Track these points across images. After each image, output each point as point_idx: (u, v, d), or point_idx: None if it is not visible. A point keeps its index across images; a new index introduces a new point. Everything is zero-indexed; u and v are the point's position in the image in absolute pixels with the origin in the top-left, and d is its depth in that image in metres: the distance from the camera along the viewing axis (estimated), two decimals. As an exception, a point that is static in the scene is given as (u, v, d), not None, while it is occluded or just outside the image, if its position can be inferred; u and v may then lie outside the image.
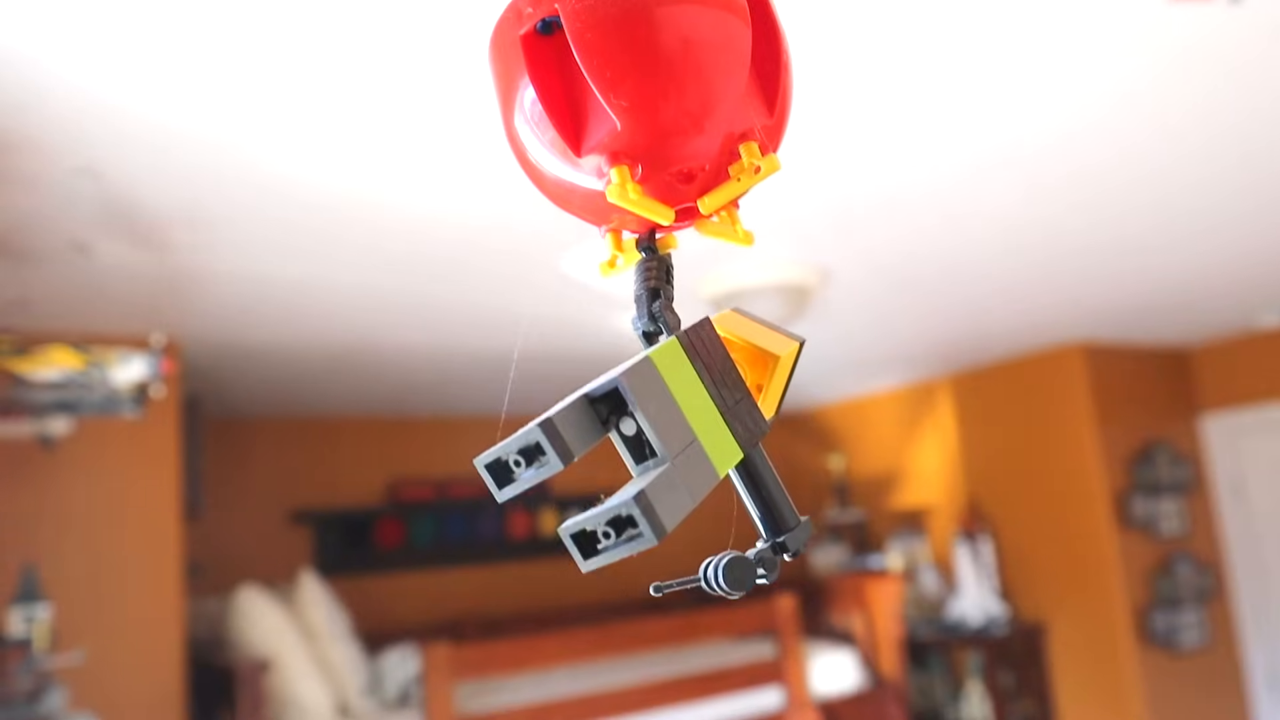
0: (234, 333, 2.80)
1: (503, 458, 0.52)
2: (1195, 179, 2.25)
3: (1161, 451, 4.47)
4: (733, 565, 0.55)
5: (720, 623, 3.37)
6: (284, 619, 2.96)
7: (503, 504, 4.49)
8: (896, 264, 2.74)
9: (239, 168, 1.74)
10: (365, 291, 2.54)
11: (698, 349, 0.56)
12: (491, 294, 2.68)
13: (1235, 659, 4.62)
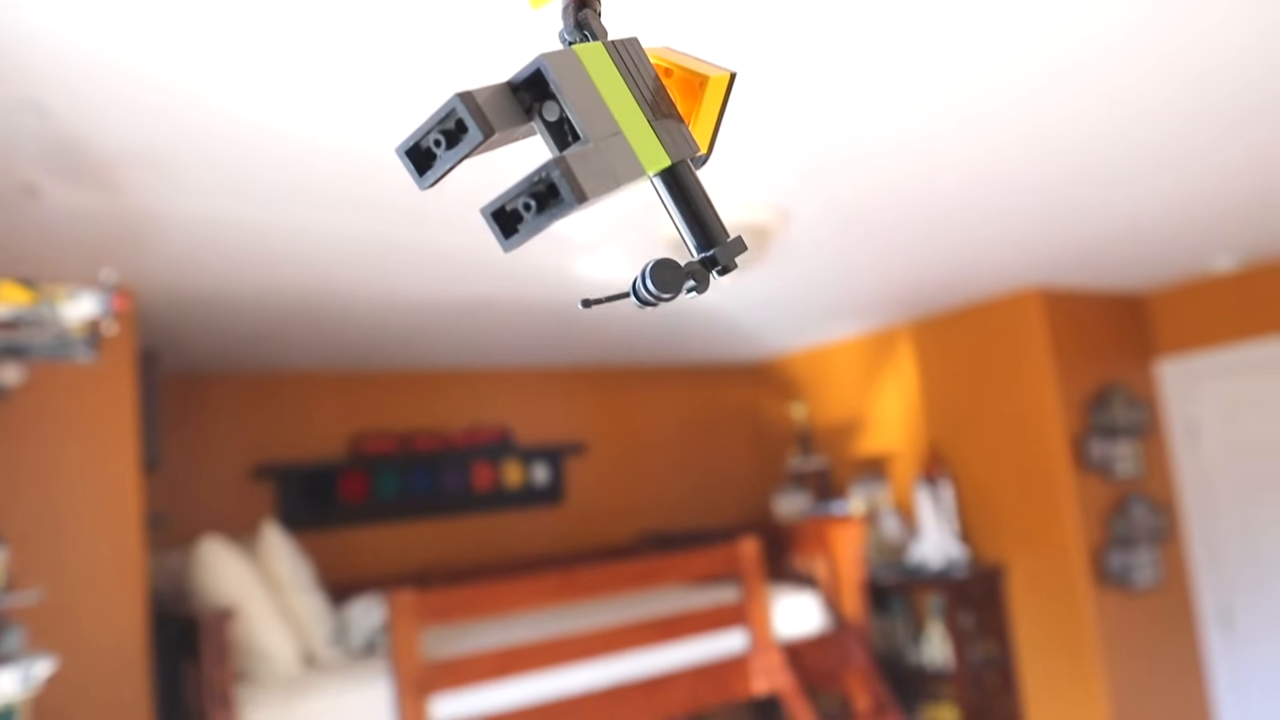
0: (191, 281, 2.76)
1: (422, 143, 0.52)
2: (1144, 107, 2.26)
3: (1117, 395, 4.54)
4: (660, 267, 0.55)
5: (684, 566, 3.40)
6: (247, 569, 2.95)
7: (466, 458, 4.49)
8: (858, 208, 2.75)
9: (193, 106, 1.70)
10: (325, 237, 2.51)
11: (624, 60, 0.56)
12: (455, 241, 2.66)
13: (1187, 597, 4.74)
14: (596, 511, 4.94)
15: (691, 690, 3.27)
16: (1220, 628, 4.71)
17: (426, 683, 2.78)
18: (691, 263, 0.58)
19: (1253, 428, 4.59)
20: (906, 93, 2.00)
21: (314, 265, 2.75)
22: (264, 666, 2.86)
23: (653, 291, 0.55)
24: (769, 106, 1.98)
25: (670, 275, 0.55)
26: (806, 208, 2.69)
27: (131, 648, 2.62)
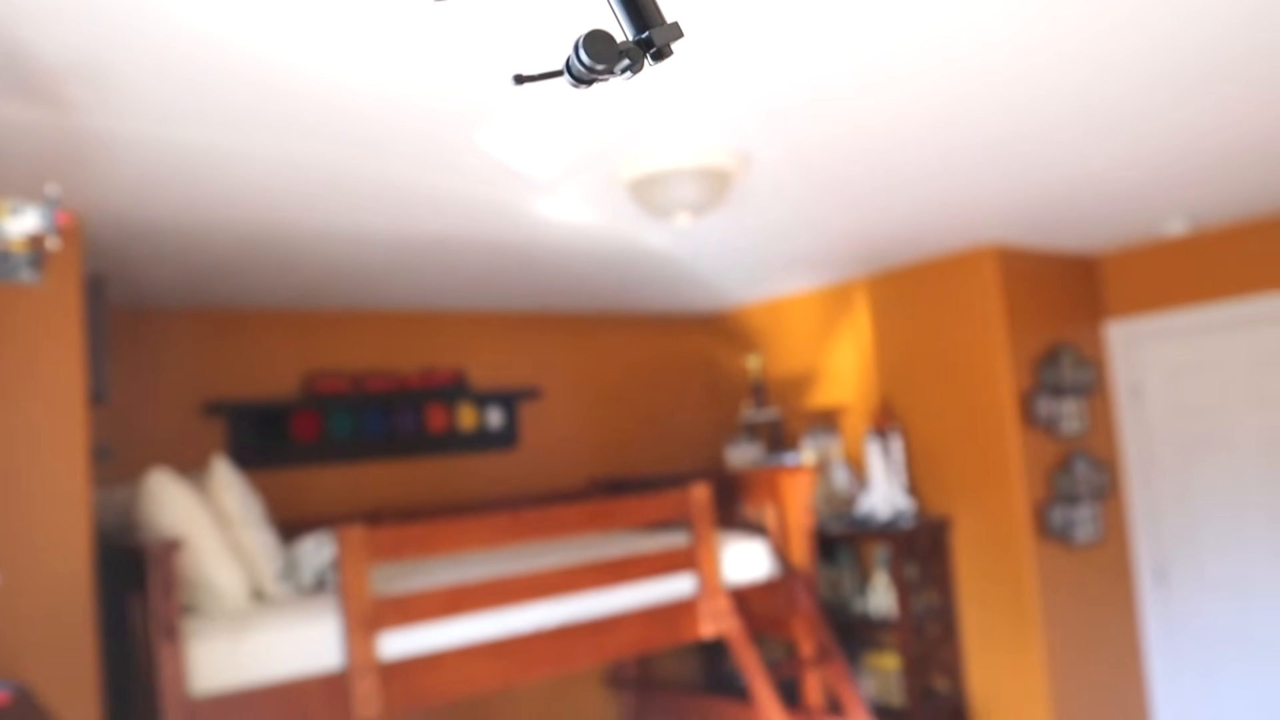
0: (140, 207, 2.70)
1: None
2: (1102, 64, 2.28)
3: (1066, 354, 4.61)
4: (593, 38, 0.54)
5: (636, 510, 3.42)
6: (196, 503, 2.93)
7: (420, 399, 4.47)
8: (818, 156, 2.75)
9: (144, 18, 1.65)
10: (280, 166, 2.47)
11: None
12: (409, 173, 2.62)
13: (1125, 553, 4.86)
14: (550, 456, 4.95)
15: (640, 632, 3.31)
16: (1155, 582, 4.85)
17: (376, 618, 2.79)
18: (626, 41, 0.57)
19: (1194, 390, 4.70)
20: (870, 37, 1.99)
21: (268, 196, 2.71)
22: (212, 601, 2.85)
23: (586, 63, 0.54)
24: (730, 47, 1.97)
25: (603, 47, 0.54)
26: (767, 153, 2.68)
27: (77, 579, 2.59)
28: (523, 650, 3.04)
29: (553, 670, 3.11)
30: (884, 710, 4.37)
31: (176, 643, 2.51)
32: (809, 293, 5.16)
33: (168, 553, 2.52)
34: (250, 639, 2.67)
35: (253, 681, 2.64)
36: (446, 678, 2.90)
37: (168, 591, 2.51)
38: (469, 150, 2.47)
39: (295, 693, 2.68)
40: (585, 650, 3.17)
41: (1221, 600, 4.64)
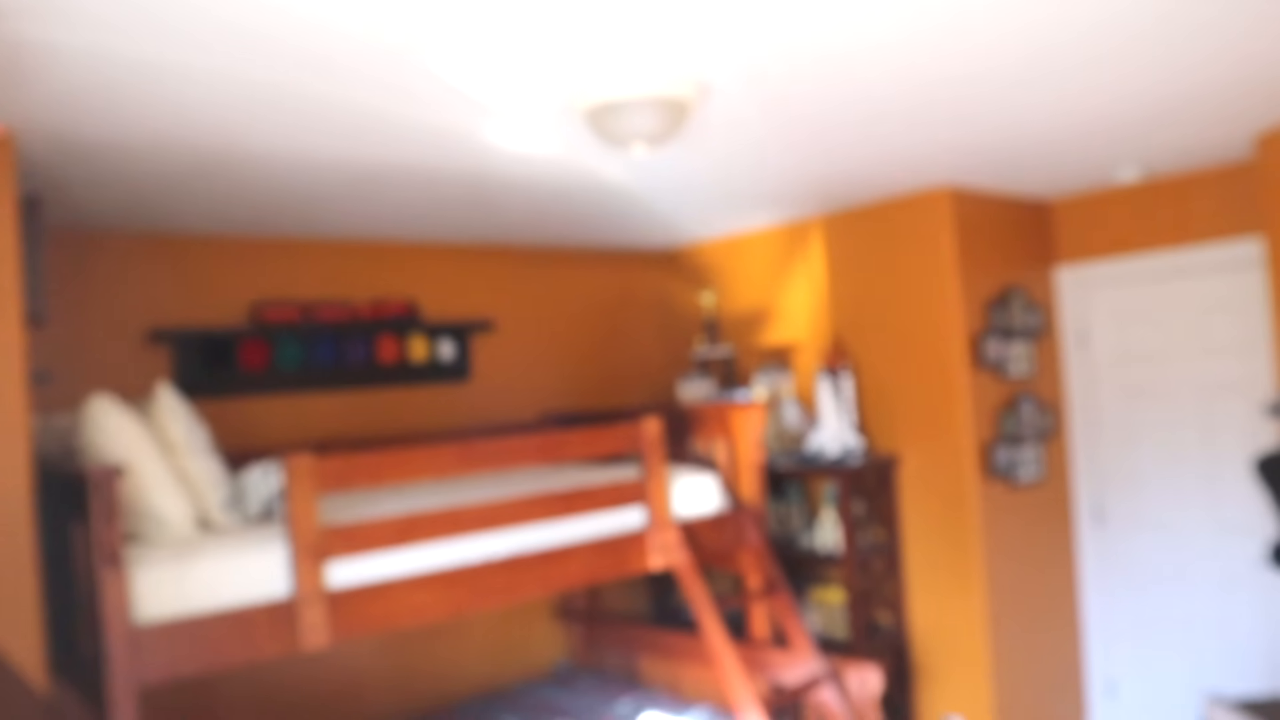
0: (76, 124, 2.61)
1: None
2: (1059, 7, 2.27)
3: (1017, 298, 4.66)
4: None
5: (587, 442, 3.42)
6: (139, 430, 2.87)
7: (371, 330, 4.42)
8: (777, 89, 2.72)
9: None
10: (224, 82, 2.39)
11: None
12: (359, 97, 2.56)
13: (1066, 493, 4.97)
14: (502, 390, 4.93)
15: (589, 563, 3.33)
16: (1092, 522, 4.97)
17: (323, 547, 2.78)
18: None
19: (1138, 336, 4.78)
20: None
21: (211, 116, 2.63)
22: (156, 529, 2.81)
23: None
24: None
25: None
26: (727, 84, 2.65)
27: (15, 506, 2.54)
28: (472, 580, 3.05)
29: (502, 600, 3.12)
30: (828, 643, 4.46)
31: (119, 570, 2.48)
32: (765, 230, 5.15)
33: (109, 479, 2.47)
34: (196, 567, 2.64)
35: (198, 610, 2.62)
36: (395, 607, 2.90)
37: (109, 518, 2.47)
38: (420, 74, 2.41)
39: (242, 620, 2.66)
40: (534, 581, 3.18)
41: (1153, 538, 4.78)
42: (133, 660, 2.47)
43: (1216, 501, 4.56)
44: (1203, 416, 4.59)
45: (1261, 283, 4.21)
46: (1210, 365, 4.55)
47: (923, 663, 4.61)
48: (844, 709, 3.52)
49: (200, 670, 2.61)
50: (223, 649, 2.63)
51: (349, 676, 4.31)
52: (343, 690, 4.28)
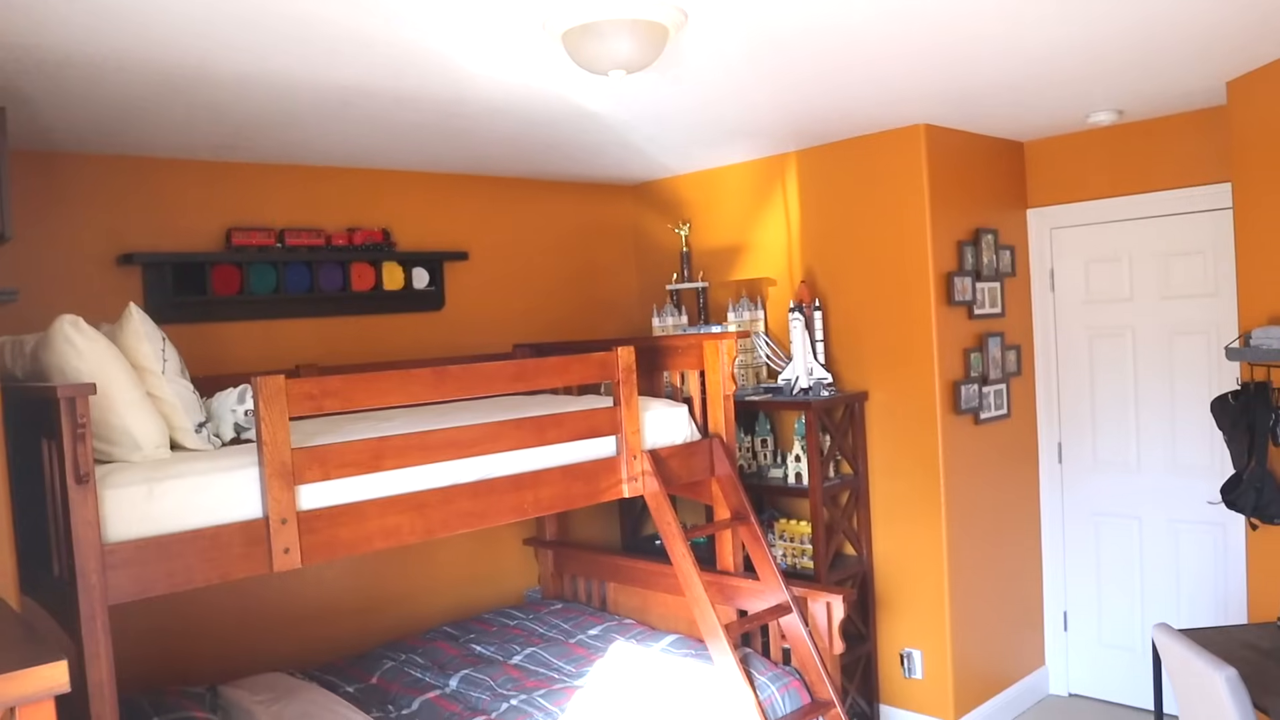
0: (36, 34, 2.55)
1: None
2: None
3: (988, 238, 4.70)
4: None
5: (560, 370, 3.44)
6: (109, 350, 2.86)
7: (345, 257, 4.39)
8: (756, 17, 2.70)
9: None
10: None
11: None
12: (330, 13, 2.52)
13: (1028, 430, 5.06)
14: (476, 320, 4.93)
15: (561, 489, 3.37)
16: (1054, 460, 5.07)
17: (295, 470, 2.79)
18: None
19: (1104, 279, 4.85)
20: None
21: (181, 31, 2.58)
22: (127, 451, 2.81)
23: None
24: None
25: None
26: (705, 10, 2.63)
27: (-16, 425, 2.54)
28: (444, 504, 3.08)
29: (474, 524, 3.16)
30: (794, 573, 4.55)
31: (89, 489, 2.49)
32: (740, 165, 5.14)
33: (78, 395, 2.47)
34: (167, 487, 2.65)
35: (169, 530, 2.63)
36: (367, 530, 2.93)
37: (78, 437, 2.46)
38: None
39: (214, 541, 2.68)
40: (506, 506, 3.22)
41: (1112, 477, 4.89)
42: (103, 579, 2.49)
43: (1174, 443, 4.67)
44: (1165, 359, 4.67)
45: (1228, 228, 4.26)
46: (1174, 309, 4.62)
47: (885, 593, 4.71)
48: (808, 635, 3.61)
49: (171, 590, 2.63)
50: (194, 569, 2.65)
51: (321, 601, 4.36)
52: (315, 614, 4.34)
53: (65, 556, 2.53)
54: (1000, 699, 4.82)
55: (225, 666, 4.01)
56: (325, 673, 4.03)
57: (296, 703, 3.59)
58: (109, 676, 2.51)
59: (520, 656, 4.09)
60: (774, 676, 3.62)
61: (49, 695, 1.31)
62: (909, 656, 4.64)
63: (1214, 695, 2.77)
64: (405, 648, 4.25)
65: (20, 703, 1.29)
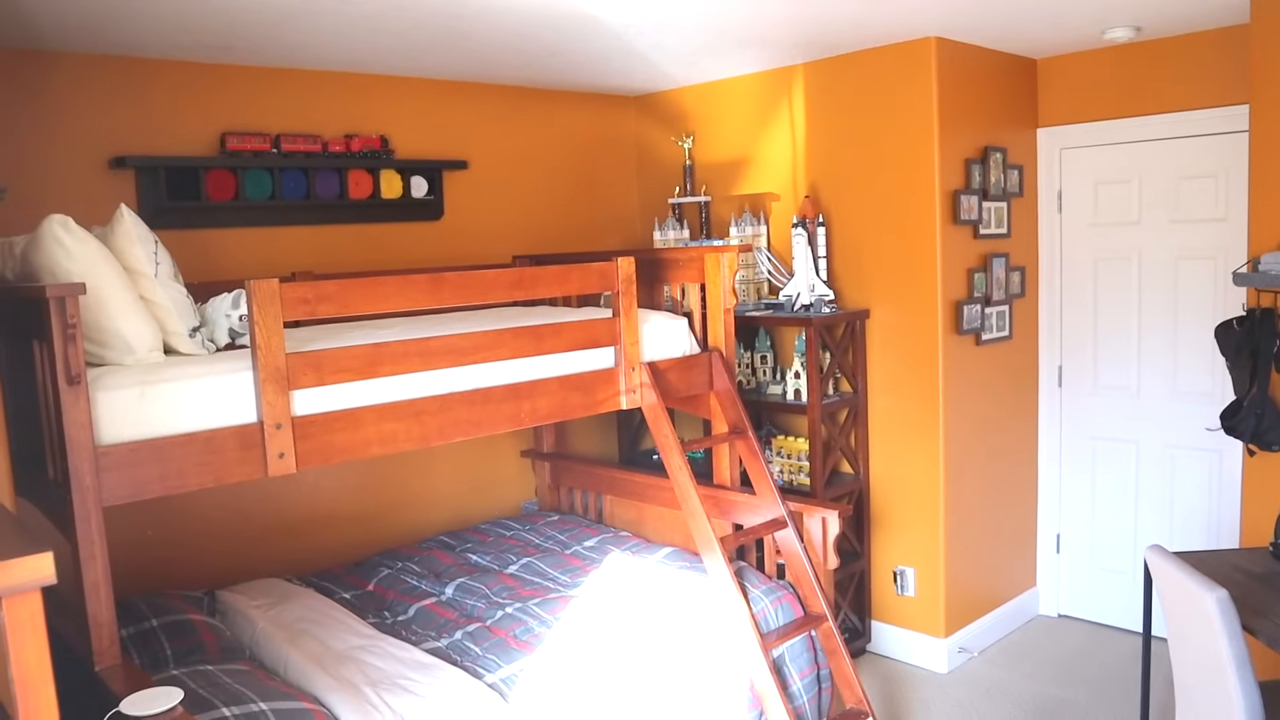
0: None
1: None
2: None
3: (996, 157, 4.61)
4: None
5: (559, 279, 3.40)
6: (100, 251, 2.81)
7: (342, 164, 4.31)
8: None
9: None
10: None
11: None
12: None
13: (1029, 353, 5.04)
14: (475, 231, 4.87)
15: (558, 399, 3.35)
16: (1054, 383, 5.05)
17: (290, 375, 2.77)
18: None
19: (1113, 202, 4.77)
20: None
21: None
22: (120, 354, 2.78)
23: None
24: None
25: None
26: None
27: (-25, 322, 2.51)
28: (441, 411, 3.06)
29: (470, 432, 3.14)
30: (791, 490, 4.56)
31: (80, 390, 2.46)
32: (746, 77, 5.02)
33: (68, 295, 2.43)
34: (160, 390, 2.62)
35: (163, 433, 2.62)
36: (363, 436, 2.91)
37: (69, 337, 2.43)
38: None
39: (208, 444, 2.67)
40: (503, 415, 3.20)
41: (1112, 401, 4.87)
42: (97, 480, 2.48)
43: (1175, 369, 4.64)
44: (1170, 284, 4.62)
45: (1243, 152, 4.17)
46: (1182, 234, 4.56)
47: (880, 511, 4.74)
48: (803, 550, 3.63)
49: (165, 493, 2.62)
50: (188, 472, 2.64)
51: (319, 510, 4.38)
52: (313, 523, 4.36)
53: (59, 459, 2.52)
54: (990, 618, 4.87)
55: (224, 573, 4.04)
56: (322, 579, 4.06)
57: (293, 607, 3.62)
58: (105, 577, 2.52)
59: (516, 566, 4.12)
60: (768, 590, 3.64)
61: (35, 586, 1.29)
62: (902, 574, 4.69)
63: (1204, 616, 2.78)
64: (402, 556, 4.28)
65: (6, 593, 1.27)
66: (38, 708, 1.32)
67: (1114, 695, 4.28)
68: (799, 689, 3.59)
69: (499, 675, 3.16)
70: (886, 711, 4.24)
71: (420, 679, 3.03)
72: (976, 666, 4.66)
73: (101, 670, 2.51)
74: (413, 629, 3.58)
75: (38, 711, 1.31)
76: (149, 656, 3.11)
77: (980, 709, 4.24)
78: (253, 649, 3.36)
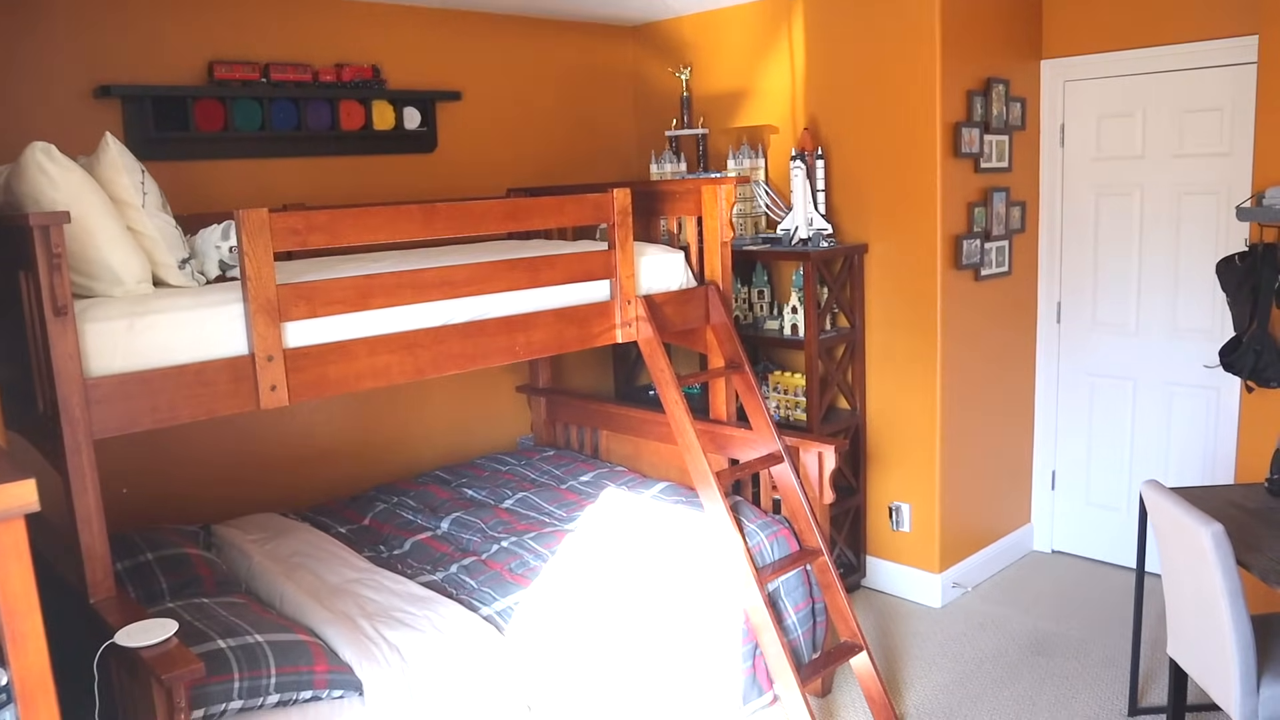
0: None
1: None
2: None
3: (999, 89, 4.54)
4: None
5: (554, 210, 3.35)
6: (86, 179, 2.76)
7: (333, 94, 4.23)
8: None
9: None
10: None
11: None
12: None
13: (1029, 289, 5.00)
14: (469, 163, 4.79)
15: (553, 332, 3.32)
16: (1052, 320, 5.03)
17: (281, 306, 2.73)
18: None
19: (1116, 135, 4.71)
20: None
21: None
22: (108, 286, 2.74)
23: None
24: None
25: None
26: None
27: (-41, 253, 2.46)
28: (435, 344, 3.03)
29: (464, 365, 3.12)
30: (787, 425, 4.55)
31: (68, 321, 2.42)
32: (746, 5, 4.92)
33: (51, 225, 2.38)
34: (149, 322, 2.59)
35: (153, 365, 2.59)
36: (356, 368, 2.89)
37: (55, 267, 2.39)
38: None
39: (199, 376, 2.64)
40: (497, 347, 3.18)
41: (1110, 338, 4.85)
42: (87, 413, 2.46)
43: (1175, 306, 4.61)
44: (1172, 220, 4.57)
45: (1249, 84, 4.09)
46: (1186, 168, 4.49)
47: (876, 447, 4.73)
48: (799, 484, 3.62)
49: (156, 425, 2.60)
50: (179, 405, 2.62)
51: (314, 445, 4.37)
52: (308, 458, 4.35)
53: (48, 391, 2.49)
54: (984, 554, 4.90)
55: (219, 508, 4.04)
56: (318, 514, 4.06)
57: (289, 542, 3.63)
58: (97, 510, 2.51)
59: (511, 501, 4.12)
60: (763, 524, 3.65)
61: (18, 513, 1.27)
62: (897, 510, 4.70)
63: (1198, 550, 2.79)
64: (397, 491, 4.28)
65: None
66: (24, 633, 1.30)
67: (1106, 629, 4.32)
68: (794, 622, 3.61)
69: (494, 608, 3.17)
70: (881, 645, 4.27)
71: (416, 612, 3.04)
72: (970, 601, 4.69)
73: (97, 603, 2.51)
74: (408, 563, 3.58)
75: (24, 637, 1.30)
76: (145, 590, 3.11)
77: (974, 642, 4.28)
78: (248, 583, 3.37)
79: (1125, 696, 3.74)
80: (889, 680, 3.96)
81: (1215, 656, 2.86)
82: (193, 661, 2.21)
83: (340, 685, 2.68)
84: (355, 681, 2.71)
